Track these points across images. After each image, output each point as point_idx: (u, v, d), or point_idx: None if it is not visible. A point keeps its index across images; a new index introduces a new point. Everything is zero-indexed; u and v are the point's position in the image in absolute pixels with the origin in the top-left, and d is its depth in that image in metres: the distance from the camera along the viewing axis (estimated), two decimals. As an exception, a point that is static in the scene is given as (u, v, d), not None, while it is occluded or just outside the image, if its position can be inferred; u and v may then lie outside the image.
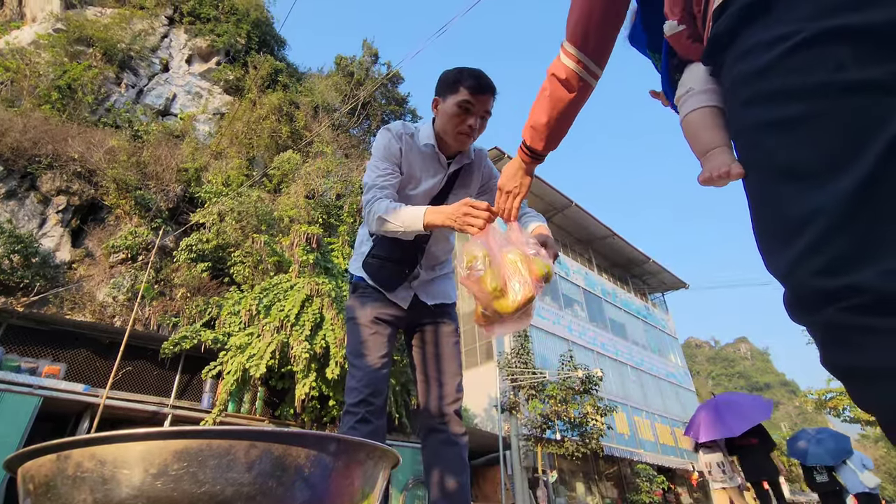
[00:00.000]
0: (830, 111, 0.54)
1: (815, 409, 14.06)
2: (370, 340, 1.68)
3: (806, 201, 0.54)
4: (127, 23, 15.24)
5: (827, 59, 0.54)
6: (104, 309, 9.67)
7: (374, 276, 1.74)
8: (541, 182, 20.12)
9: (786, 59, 0.58)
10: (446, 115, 1.63)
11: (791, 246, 0.56)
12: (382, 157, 1.69)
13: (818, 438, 5.49)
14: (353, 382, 1.62)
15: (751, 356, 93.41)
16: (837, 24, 0.54)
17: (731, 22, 0.67)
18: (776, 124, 0.59)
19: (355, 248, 1.90)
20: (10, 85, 11.68)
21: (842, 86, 0.53)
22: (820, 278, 0.52)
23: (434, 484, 1.59)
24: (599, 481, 16.25)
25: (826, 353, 0.55)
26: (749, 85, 0.63)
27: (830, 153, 0.53)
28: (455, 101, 1.60)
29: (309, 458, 0.58)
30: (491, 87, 1.61)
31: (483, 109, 1.62)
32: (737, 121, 0.69)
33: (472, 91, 1.58)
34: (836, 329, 0.52)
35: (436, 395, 1.70)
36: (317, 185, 13.45)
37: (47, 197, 10.45)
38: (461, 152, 1.75)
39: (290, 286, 8.48)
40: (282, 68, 17.81)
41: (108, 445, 0.53)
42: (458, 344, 1.84)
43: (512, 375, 13.43)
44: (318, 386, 7.66)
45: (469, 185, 1.82)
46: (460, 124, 1.61)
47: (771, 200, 0.60)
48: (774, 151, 0.59)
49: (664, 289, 28.67)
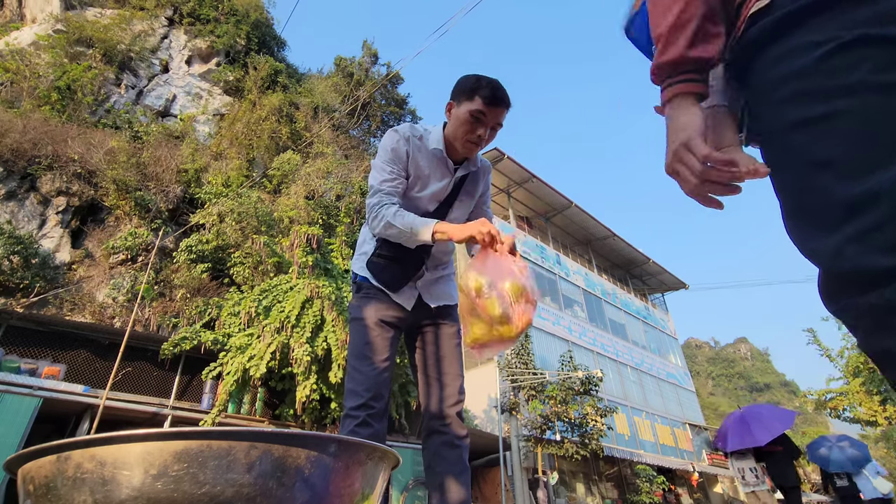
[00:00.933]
0: (875, 105, 0.58)
1: (815, 409, 14.05)
2: (373, 343, 1.66)
3: (857, 187, 0.57)
4: (127, 24, 15.25)
5: (865, 60, 0.60)
6: (104, 310, 9.67)
7: (379, 275, 1.72)
8: (541, 183, 20.13)
9: (827, 61, 0.62)
10: (458, 121, 1.65)
11: (840, 229, 0.58)
12: (389, 160, 1.70)
13: (839, 446, 5.78)
14: (353, 385, 1.60)
15: (751, 356, 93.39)
16: (877, 33, 0.60)
17: (771, 26, 0.70)
18: (818, 119, 0.63)
19: (357, 248, 1.88)
20: (10, 86, 11.68)
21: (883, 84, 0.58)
22: (878, 256, 0.54)
23: (435, 486, 1.58)
24: (600, 482, 16.24)
25: (873, 338, 0.56)
26: (789, 84, 0.67)
27: (882, 143, 0.57)
28: (469, 108, 1.61)
29: (309, 459, 0.58)
30: (506, 101, 1.63)
31: (495, 121, 1.64)
32: (770, 119, 0.72)
33: (487, 102, 1.59)
34: (890, 310, 0.53)
35: (437, 397, 1.69)
36: (317, 185, 13.46)
37: (47, 198, 10.45)
38: (468, 159, 1.77)
39: (290, 287, 8.47)
40: (281, 69, 17.82)
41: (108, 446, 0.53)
42: (459, 346, 1.82)
43: (512, 376, 13.43)
44: (319, 388, 7.65)
45: (473, 194, 1.87)
46: (470, 133, 1.63)
47: (814, 189, 0.63)
48: (815, 144, 0.63)
49: (664, 289, 28.67)
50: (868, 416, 12.43)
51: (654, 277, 27.71)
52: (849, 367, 13.11)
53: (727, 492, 21.73)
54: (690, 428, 21.81)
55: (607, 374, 17.72)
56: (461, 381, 1.75)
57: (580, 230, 23.87)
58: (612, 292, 23.36)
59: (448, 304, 1.85)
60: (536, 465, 12.84)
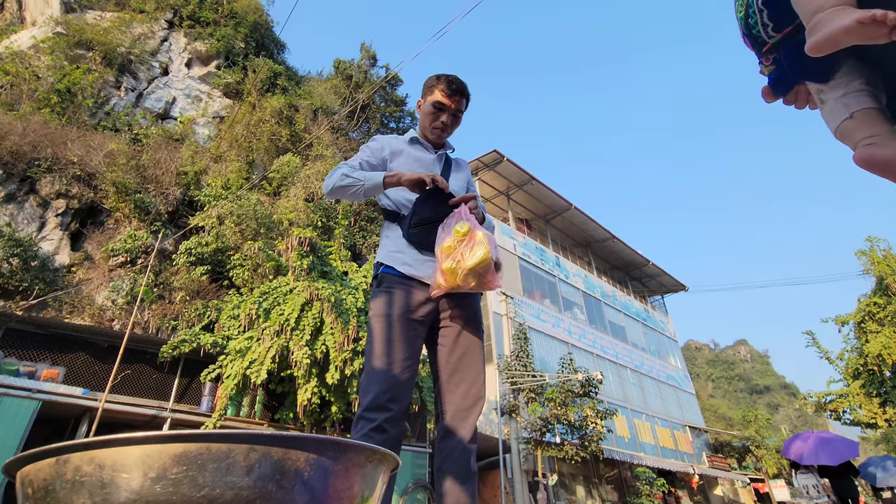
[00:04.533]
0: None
1: (816, 411, 14.03)
2: (397, 340, 1.59)
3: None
4: (127, 26, 15.28)
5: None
6: (103, 312, 9.66)
7: (424, 241, 1.71)
8: (540, 185, 20.16)
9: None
10: (424, 112, 1.91)
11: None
12: (363, 149, 1.94)
13: (884, 465, 7.05)
14: (372, 385, 1.53)
15: (751, 359, 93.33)
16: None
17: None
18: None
19: (382, 240, 1.87)
20: (10, 89, 11.69)
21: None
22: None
23: (442, 489, 1.55)
24: (599, 485, 16.22)
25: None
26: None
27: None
28: (431, 101, 1.88)
29: (308, 461, 0.58)
30: (462, 91, 1.88)
31: (455, 108, 1.89)
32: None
33: (445, 93, 1.86)
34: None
35: (454, 399, 1.64)
36: (316, 188, 13.46)
37: (46, 200, 10.45)
38: (443, 146, 2.00)
39: (290, 290, 8.46)
40: (281, 71, 17.85)
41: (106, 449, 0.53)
42: (482, 340, 1.76)
43: (512, 378, 13.41)
44: (319, 391, 7.64)
45: (460, 173, 2.02)
46: (434, 121, 1.89)
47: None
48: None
49: (664, 291, 28.69)
50: (868, 418, 12.42)
51: (653, 279, 27.73)
52: (848, 370, 13.11)
53: (727, 494, 21.70)
54: (690, 430, 21.79)
55: (607, 377, 17.72)
56: (482, 378, 1.69)
57: (580, 232, 23.90)
58: (611, 294, 23.37)
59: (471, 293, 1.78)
60: (536, 468, 12.82)
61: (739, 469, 22.10)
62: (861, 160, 0.81)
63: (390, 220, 1.85)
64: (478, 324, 1.78)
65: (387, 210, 1.86)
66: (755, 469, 22.04)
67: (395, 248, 1.77)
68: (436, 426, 1.71)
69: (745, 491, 21.84)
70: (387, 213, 1.87)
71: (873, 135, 0.81)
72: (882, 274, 12.92)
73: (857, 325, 13.13)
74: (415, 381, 1.64)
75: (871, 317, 12.78)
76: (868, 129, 0.82)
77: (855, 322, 13.18)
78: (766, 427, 23.88)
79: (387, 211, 1.86)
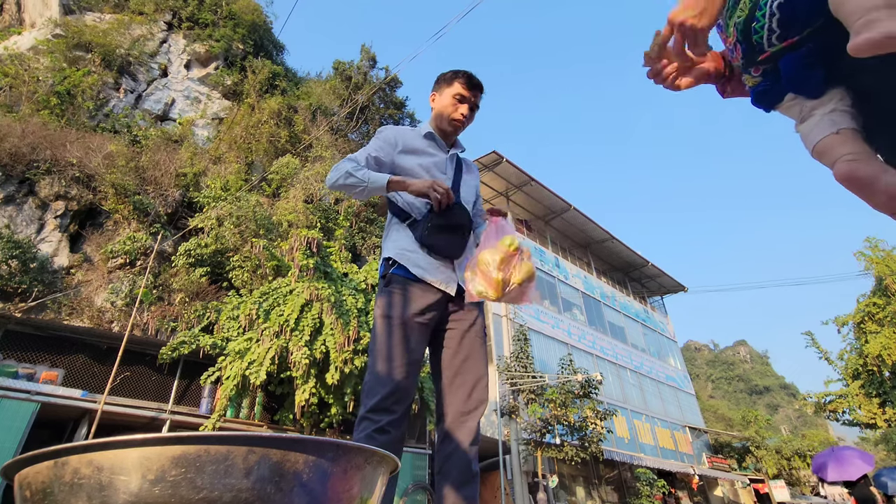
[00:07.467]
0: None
1: (815, 412, 14.03)
2: (402, 341, 1.58)
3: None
4: (126, 28, 15.28)
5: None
6: (102, 314, 9.65)
7: (443, 246, 1.71)
8: (539, 186, 20.17)
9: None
10: (442, 104, 1.88)
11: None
12: (373, 142, 1.86)
13: (894, 476, 7.71)
14: (375, 385, 1.52)
15: (750, 359, 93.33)
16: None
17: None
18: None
19: (385, 237, 1.84)
20: (9, 90, 11.69)
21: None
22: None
23: (441, 492, 1.55)
24: (600, 486, 16.20)
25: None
26: None
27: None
28: (451, 92, 1.87)
29: (307, 463, 0.58)
30: (481, 86, 1.89)
31: (474, 102, 1.89)
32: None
33: (466, 85, 1.86)
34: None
35: (456, 401, 1.63)
36: (315, 189, 13.46)
37: (45, 202, 10.44)
38: (455, 143, 1.97)
39: (290, 290, 8.46)
40: (280, 73, 17.86)
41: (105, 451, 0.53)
42: (484, 343, 1.77)
43: (511, 379, 13.41)
44: (318, 392, 7.63)
45: (471, 176, 2.00)
46: (454, 112, 1.86)
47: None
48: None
49: (663, 292, 28.69)
50: (867, 418, 12.43)
51: (653, 280, 27.73)
52: (848, 370, 13.12)
53: (727, 495, 21.69)
54: (690, 431, 21.78)
55: (607, 378, 17.71)
56: (485, 381, 1.69)
57: (579, 233, 23.91)
58: (611, 295, 23.37)
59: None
60: (536, 469, 12.81)
61: (739, 470, 22.10)
62: (842, 175, 0.84)
63: (400, 218, 1.81)
64: (481, 328, 1.78)
65: (396, 207, 1.82)
66: (755, 470, 22.05)
67: (406, 247, 1.73)
68: (436, 428, 1.70)
69: (745, 492, 21.83)
70: (397, 210, 1.82)
71: (856, 152, 0.84)
72: (881, 274, 12.94)
73: (856, 325, 13.15)
74: (417, 383, 1.62)
75: (870, 317, 12.80)
76: (851, 146, 0.85)
77: (854, 322, 13.19)
78: (766, 428, 23.91)
79: (396, 207, 1.82)
